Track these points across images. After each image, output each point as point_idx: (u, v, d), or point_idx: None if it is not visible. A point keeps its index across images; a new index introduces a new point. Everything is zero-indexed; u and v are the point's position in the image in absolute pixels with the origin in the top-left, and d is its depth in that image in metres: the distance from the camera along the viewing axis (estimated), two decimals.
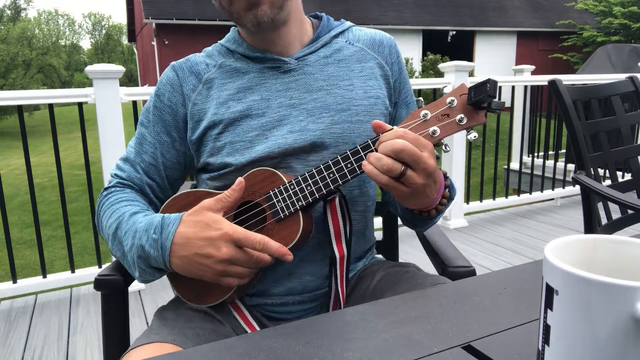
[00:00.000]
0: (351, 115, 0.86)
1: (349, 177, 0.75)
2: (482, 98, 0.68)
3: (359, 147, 0.74)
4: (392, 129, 0.71)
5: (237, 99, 0.86)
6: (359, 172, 0.74)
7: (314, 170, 0.77)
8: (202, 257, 0.74)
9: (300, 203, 0.77)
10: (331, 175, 0.76)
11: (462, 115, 0.71)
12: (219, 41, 0.95)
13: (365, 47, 0.93)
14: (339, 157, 0.75)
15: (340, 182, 0.76)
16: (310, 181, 0.77)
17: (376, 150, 0.71)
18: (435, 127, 0.72)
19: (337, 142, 0.85)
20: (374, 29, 0.98)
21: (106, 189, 0.92)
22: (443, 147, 0.74)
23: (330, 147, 0.85)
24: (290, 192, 0.78)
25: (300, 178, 0.77)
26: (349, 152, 0.74)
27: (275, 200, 0.79)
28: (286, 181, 0.78)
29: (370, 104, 0.89)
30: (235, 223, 0.81)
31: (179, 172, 0.94)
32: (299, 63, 0.88)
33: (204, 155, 0.88)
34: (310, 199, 0.77)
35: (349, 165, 0.75)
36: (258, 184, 0.81)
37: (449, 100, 0.72)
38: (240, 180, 0.77)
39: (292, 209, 0.78)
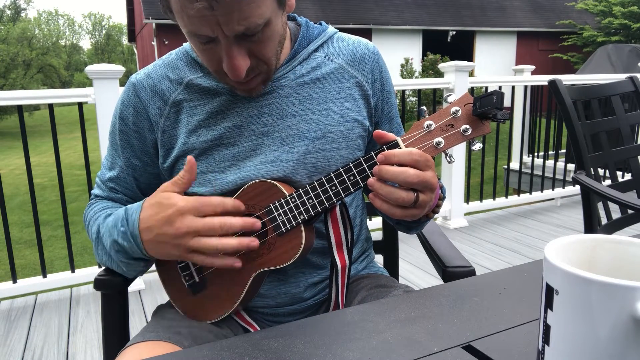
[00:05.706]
0: (326, 143, 0.83)
1: (352, 189, 0.74)
2: (488, 110, 0.67)
3: (361, 159, 0.72)
4: (395, 139, 0.71)
5: (207, 126, 0.82)
6: (362, 184, 0.73)
7: (316, 183, 0.75)
8: (163, 236, 0.73)
9: (302, 217, 0.75)
10: (333, 188, 0.74)
11: (467, 126, 0.70)
12: (183, 45, 0.88)
13: (345, 65, 0.87)
14: (341, 169, 0.73)
15: (342, 195, 0.74)
16: (312, 194, 0.75)
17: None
18: (439, 139, 0.70)
19: (312, 172, 0.82)
20: (359, 36, 0.93)
21: (88, 205, 0.92)
22: (447, 157, 0.73)
23: (304, 178, 0.82)
24: (292, 205, 0.76)
25: (301, 191, 0.75)
26: (351, 164, 0.73)
27: (276, 214, 0.77)
28: (287, 194, 0.76)
29: (347, 129, 0.85)
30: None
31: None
32: (273, 85, 0.83)
33: None
34: (312, 212, 0.75)
35: (351, 178, 0.73)
36: (257, 197, 0.78)
37: (453, 110, 0.70)
38: (189, 158, 0.73)
39: (293, 223, 0.76)
